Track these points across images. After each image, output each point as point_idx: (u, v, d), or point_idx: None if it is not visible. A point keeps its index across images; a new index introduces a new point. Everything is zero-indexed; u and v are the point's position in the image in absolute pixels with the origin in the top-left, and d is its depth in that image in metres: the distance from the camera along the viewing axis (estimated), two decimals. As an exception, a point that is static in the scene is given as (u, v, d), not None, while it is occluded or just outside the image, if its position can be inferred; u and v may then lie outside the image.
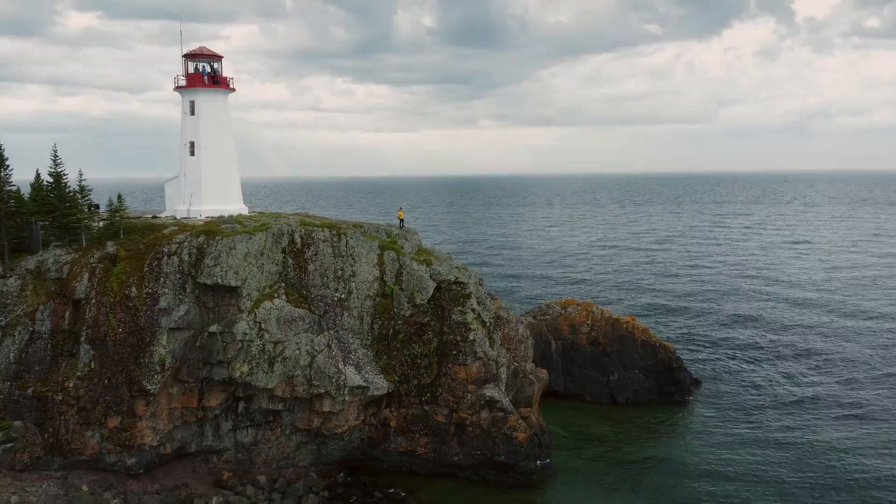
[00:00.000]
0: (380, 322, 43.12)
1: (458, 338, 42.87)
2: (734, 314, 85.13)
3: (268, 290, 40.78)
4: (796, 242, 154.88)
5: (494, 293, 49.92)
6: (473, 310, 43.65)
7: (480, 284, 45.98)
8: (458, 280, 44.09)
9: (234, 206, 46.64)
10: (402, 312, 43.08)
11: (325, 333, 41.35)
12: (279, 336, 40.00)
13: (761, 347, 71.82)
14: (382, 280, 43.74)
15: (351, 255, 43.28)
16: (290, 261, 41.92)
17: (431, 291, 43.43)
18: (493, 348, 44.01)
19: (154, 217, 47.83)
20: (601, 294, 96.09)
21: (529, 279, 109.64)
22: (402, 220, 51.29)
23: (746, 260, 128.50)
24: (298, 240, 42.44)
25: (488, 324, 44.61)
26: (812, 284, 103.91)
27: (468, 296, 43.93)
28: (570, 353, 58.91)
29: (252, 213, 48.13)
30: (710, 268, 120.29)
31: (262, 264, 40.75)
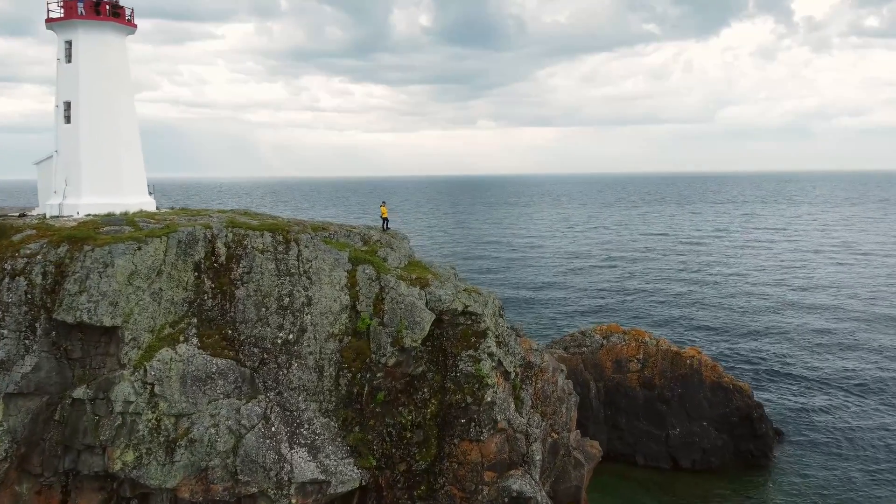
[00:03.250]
0: (349, 375, 28.19)
1: (469, 398, 28.04)
2: (803, 336, 69.32)
3: (168, 331, 25.85)
4: (839, 247, 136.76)
5: (520, 326, 34.92)
6: (492, 354, 28.79)
7: (501, 315, 31.07)
8: (469, 309, 29.25)
9: (132, 198, 31.67)
10: (384, 360, 28.18)
11: (262, 397, 26.44)
12: (184, 405, 25.12)
13: (850, 380, 56.72)
14: (354, 310, 28.86)
15: (305, 272, 28.37)
16: (208, 282, 26.98)
17: (428, 327, 28.58)
18: (521, 413, 29.12)
19: (22, 215, 32.85)
20: (638, 314, 78.47)
21: (547, 300, 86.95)
22: (385, 221, 36.27)
23: (797, 267, 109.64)
24: (222, 249, 27.51)
25: (514, 375, 29.74)
26: (886, 297, 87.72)
27: (483, 333, 29.07)
28: (616, 400, 43.99)
29: (161, 210, 33.28)
30: (756, 275, 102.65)
31: (160, 289, 25.85)
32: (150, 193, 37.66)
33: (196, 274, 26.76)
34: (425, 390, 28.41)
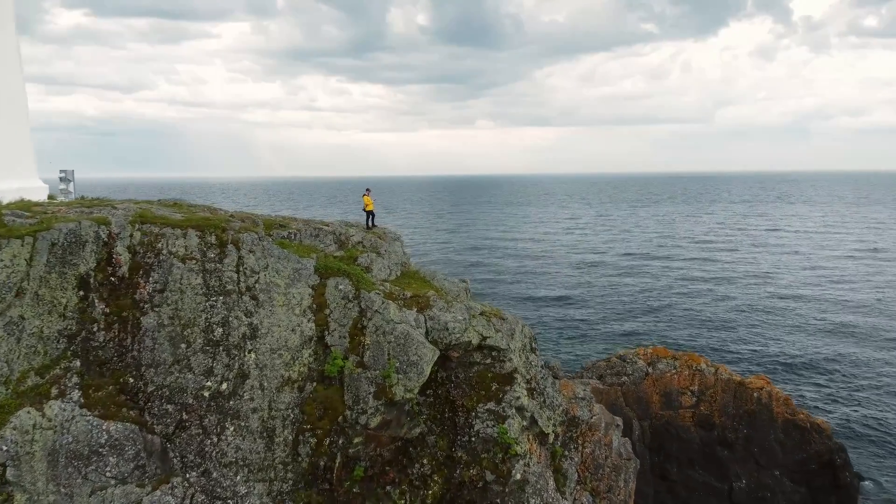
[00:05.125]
0: (313, 441, 19.29)
1: (490, 474, 19.22)
2: (865, 356, 60.01)
3: (32, 382, 16.97)
4: (883, 254, 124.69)
5: (558, 364, 25.90)
6: (522, 409, 19.96)
7: (533, 350, 22.13)
8: (488, 342, 20.40)
9: (10, 182, 22.65)
10: (365, 418, 19.31)
11: (177, 480, 17.55)
12: (52, 498, 16.26)
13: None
14: (321, 345, 19.98)
15: (249, 289, 19.49)
16: (100, 306, 18.07)
17: (429, 369, 19.73)
18: (564, 494, 20.25)
19: None
20: (669, 331, 67.67)
21: (566, 316, 74.01)
22: (370, 214, 27.31)
23: (839, 279, 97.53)
24: (123, 256, 18.63)
25: (553, 438, 20.86)
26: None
27: (510, 377, 20.23)
28: (666, 443, 35.14)
29: (55, 201, 24.35)
30: (795, 286, 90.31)
31: (20, 318, 16.98)
32: (69, 181, 28.90)
33: (81, 293, 17.85)
34: (425, 462, 19.55)
